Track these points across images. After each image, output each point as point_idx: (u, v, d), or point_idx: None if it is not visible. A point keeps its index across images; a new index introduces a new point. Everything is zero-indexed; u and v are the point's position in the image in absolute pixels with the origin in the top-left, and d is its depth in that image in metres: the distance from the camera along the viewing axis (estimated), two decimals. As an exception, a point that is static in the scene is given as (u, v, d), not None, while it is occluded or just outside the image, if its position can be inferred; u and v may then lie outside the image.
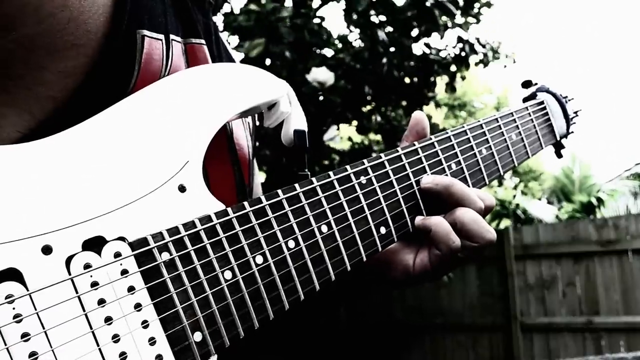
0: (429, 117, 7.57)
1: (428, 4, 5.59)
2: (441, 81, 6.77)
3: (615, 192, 11.41)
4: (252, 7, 4.90)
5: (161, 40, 0.72)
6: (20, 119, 0.62)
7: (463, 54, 6.28)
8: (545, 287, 7.16)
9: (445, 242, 0.80)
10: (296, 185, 0.73)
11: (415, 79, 6.42)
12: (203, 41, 0.82)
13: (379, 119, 6.71)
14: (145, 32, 0.69)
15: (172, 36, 0.74)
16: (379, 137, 7.06)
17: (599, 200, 10.92)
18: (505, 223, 10.68)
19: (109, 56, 0.65)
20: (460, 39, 6.27)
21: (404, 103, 6.74)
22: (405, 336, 8.06)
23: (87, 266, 0.56)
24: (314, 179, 0.75)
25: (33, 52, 0.61)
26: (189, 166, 0.67)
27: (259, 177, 1.01)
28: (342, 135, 7.56)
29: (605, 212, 10.74)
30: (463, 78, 6.94)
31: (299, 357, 7.46)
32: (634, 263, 6.61)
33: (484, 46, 6.32)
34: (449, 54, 6.34)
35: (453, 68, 6.52)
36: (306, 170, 0.80)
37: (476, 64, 6.56)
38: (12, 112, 0.62)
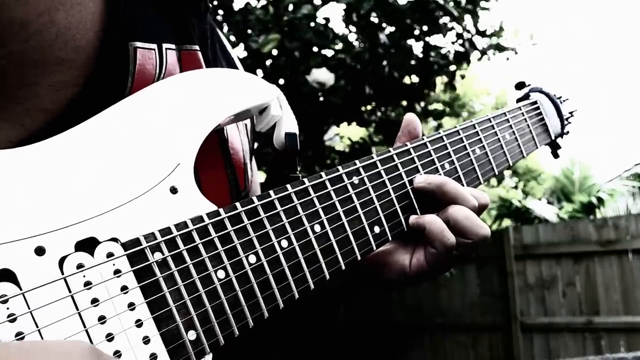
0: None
1: (430, 7, 5.57)
2: (440, 83, 6.75)
3: (615, 192, 11.38)
4: None
5: (154, 49, 0.72)
6: (12, 131, 0.63)
7: (463, 49, 6.24)
8: (545, 287, 7.15)
9: (440, 240, 0.81)
10: (288, 185, 0.74)
11: (415, 79, 6.40)
12: (197, 47, 0.81)
13: (379, 114, 6.70)
14: (138, 44, 0.69)
15: (165, 45, 0.74)
16: (380, 137, 7.04)
17: (599, 200, 10.88)
18: (507, 223, 10.64)
19: (101, 69, 0.66)
20: (460, 36, 6.23)
21: (404, 103, 6.73)
22: (404, 336, 8.04)
23: (80, 266, 0.57)
24: (305, 180, 0.76)
25: (23, 67, 0.62)
26: (180, 168, 0.67)
27: (259, 176, 1.02)
28: (342, 135, 7.55)
29: (605, 212, 10.71)
30: (462, 77, 6.91)
31: (297, 357, 7.46)
32: (634, 263, 6.59)
33: (483, 34, 6.24)
34: (449, 51, 6.30)
35: (452, 67, 6.50)
36: (297, 172, 0.80)
37: (478, 59, 6.51)
38: (5, 125, 0.63)
